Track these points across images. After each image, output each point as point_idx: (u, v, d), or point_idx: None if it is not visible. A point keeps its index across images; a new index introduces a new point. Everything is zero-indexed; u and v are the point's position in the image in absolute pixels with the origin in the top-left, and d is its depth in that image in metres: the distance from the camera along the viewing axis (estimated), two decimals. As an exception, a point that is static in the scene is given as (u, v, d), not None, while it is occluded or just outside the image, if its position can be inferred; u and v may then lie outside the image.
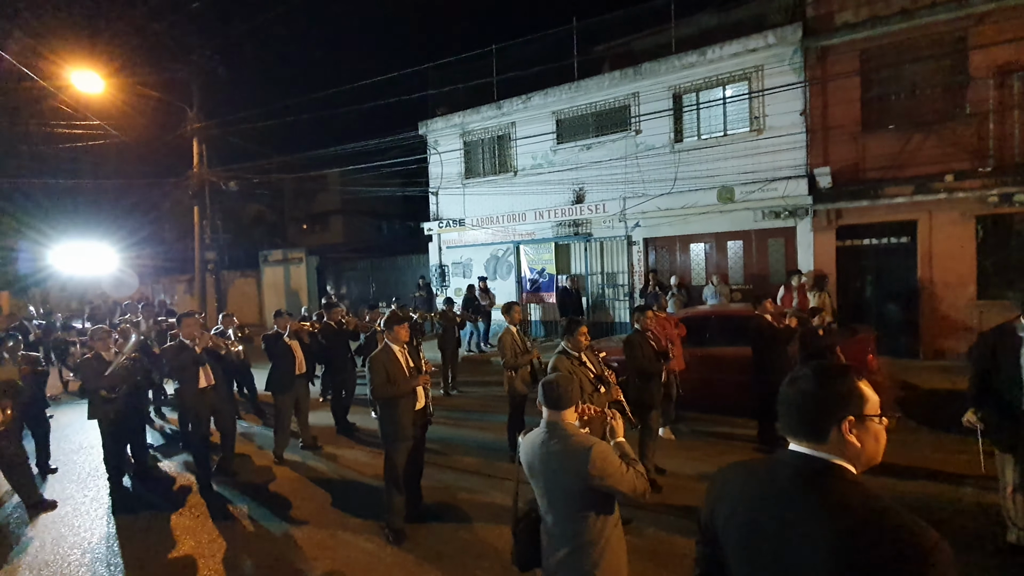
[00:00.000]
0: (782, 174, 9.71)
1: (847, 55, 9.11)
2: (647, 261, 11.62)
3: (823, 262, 9.49)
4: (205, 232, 14.41)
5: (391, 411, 3.99)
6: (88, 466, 6.17)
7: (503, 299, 12.79)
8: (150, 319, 8.14)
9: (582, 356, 4.13)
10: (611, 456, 2.06)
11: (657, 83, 10.99)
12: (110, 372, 5.17)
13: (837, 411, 1.20)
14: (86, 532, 4.57)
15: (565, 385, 2.25)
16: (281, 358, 6.02)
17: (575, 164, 12.08)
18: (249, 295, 19.03)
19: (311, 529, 4.35)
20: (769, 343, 5.57)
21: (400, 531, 4.04)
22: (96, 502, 5.17)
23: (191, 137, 13.77)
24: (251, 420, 7.85)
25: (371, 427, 6.88)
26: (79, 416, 7.07)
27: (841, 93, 9.16)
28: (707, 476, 4.73)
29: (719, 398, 6.58)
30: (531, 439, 2.27)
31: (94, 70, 11.13)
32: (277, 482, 5.42)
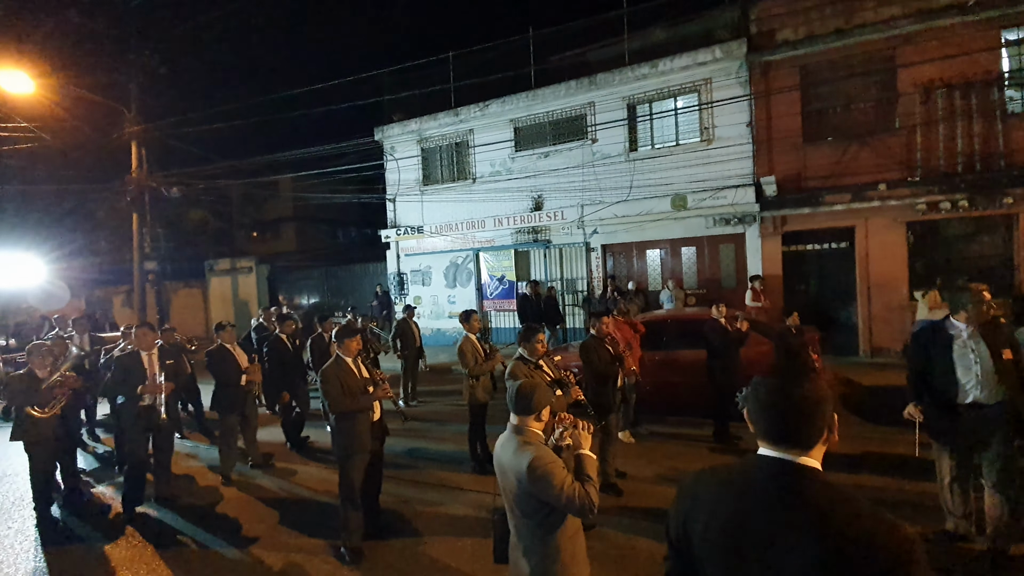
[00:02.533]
0: (731, 183, 10.09)
1: (788, 70, 9.60)
2: (605, 267, 11.81)
3: (770, 266, 9.90)
4: (145, 241, 13.62)
5: (347, 424, 3.85)
6: (12, 495, 5.66)
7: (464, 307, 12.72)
8: (84, 334, 7.58)
9: (539, 362, 4.13)
10: (552, 468, 2.05)
11: (612, 93, 11.24)
12: (43, 389, 4.77)
13: (826, 415, 1.25)
14: (10, 568, 4.18)
15: (531, 392, 2.25)
16: (226, 375, 5.71)
17: (533, 172, 12.17)
18: (194, 307, 18.14)
19: (262, 552, 4.12)
20: (722, 345, 5.76)
21: (357, 550, 3.89)
22: (21, 534, 4.74)
23: (129, 140, 13.02)
24: (196, 439, 7.42)
25: (326, 441, 6.64)
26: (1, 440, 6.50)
27: (784, 106, 9.63)
28: (667, 478, 4.87)
29: (676, 400, 6.72)
30: (500, 439, 2.33)
31: (22, 69, 10.38)
32: (225, 503, 5.14)
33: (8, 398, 5.92)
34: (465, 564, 3.74)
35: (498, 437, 2.35)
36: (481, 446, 5.47)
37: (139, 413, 4.88)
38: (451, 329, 13.51)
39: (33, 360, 4.94)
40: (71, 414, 5.27)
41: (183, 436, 7.36)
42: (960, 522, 3.57)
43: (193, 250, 21.04)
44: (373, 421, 4.00)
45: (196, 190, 14.93)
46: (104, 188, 14.83)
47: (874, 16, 9.01)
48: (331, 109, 12.79)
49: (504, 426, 2.35)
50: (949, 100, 8.70)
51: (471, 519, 4.41)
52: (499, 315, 13.07)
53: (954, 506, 3.57)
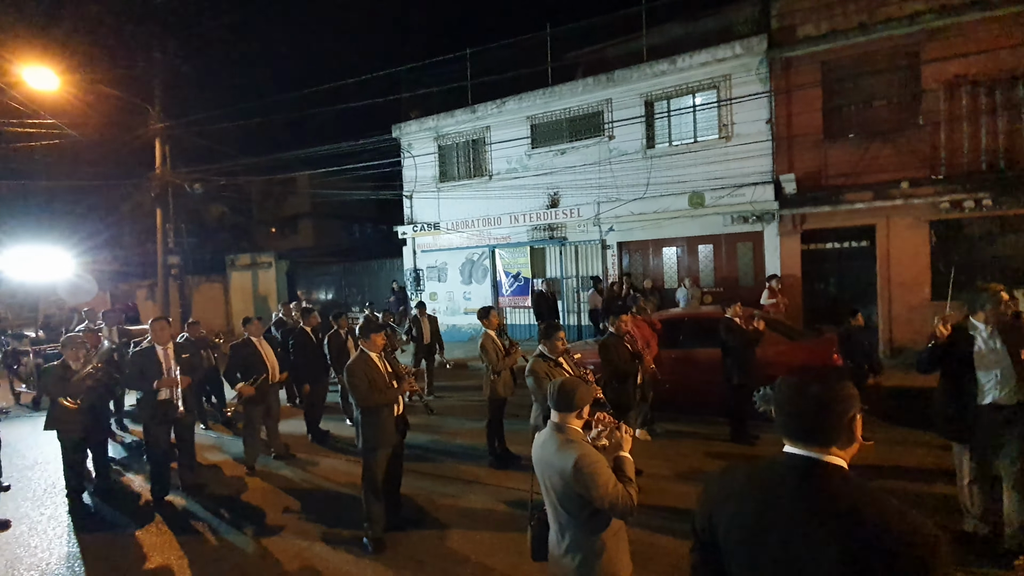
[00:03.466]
0: (750, 180, 10.00)
1: (809, 66, 9.47)
2: (621, 265, 11.79)
3: (789, 265, 9.81)
4: (168, 235, 13.91)
5: (373, 418, 3.93)
6: (44, 482, 5.86)
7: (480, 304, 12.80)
8: (113, 327, 7.79)
9: (559, 359, 4.17)
10: (598, 468, 2.06)
11: (630, 90, 11.19)
12: (76, 380, 4.94)
13: (847, 413, 1.26)
14: (44, 552, 4.33)
15: (574, 389, 2.26)
16: (253, 365, 5.84)
17: (550, 169, 12.18)
18: (215, 301, 18.47)
19: (286, 541, 4.24)
20: (738, 345, 5.74)
21: (380, 540, 3.98)
22: (54, 520, 4.91)
23: (153, 137, 13.30)
24: (220, 430, 7.61)
25: (345, 435, 6.77)
26: (32, 430, 6.75)
27: (804, 103, 9.51)
28: (685, 477, 4.89)
29: (692, 398, 6.72)
30: (539, 437, 2.34)
31: (49, 66, 10.64)
32: (249, 493, 5.27)
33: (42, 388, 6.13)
34: (485, 556, 3.81)
35: (512, 431, 2.39)
36: (499, 441, 5.53)
37: (157, 406, 4.99)
38: (466, 325, 13.61)
39: (67, 352, 5.11)
40: (101, 405, 5.44)
41: (207, 428, 7.56)
42: (979, 523, 3.55)
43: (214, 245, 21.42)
44: (396, 415, 4.07)
45: (217, 186, 15.20)
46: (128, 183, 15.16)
47: (898, 11, 8.84)
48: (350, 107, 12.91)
49: (520, 420, 2.39)
50: (974, 97, 8.53)
51: (490, 512, 4.48)
52: (514, 311, 13.12)
53: (973, 507, 3.56)
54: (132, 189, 15.43)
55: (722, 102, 10.32)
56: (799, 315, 9.43)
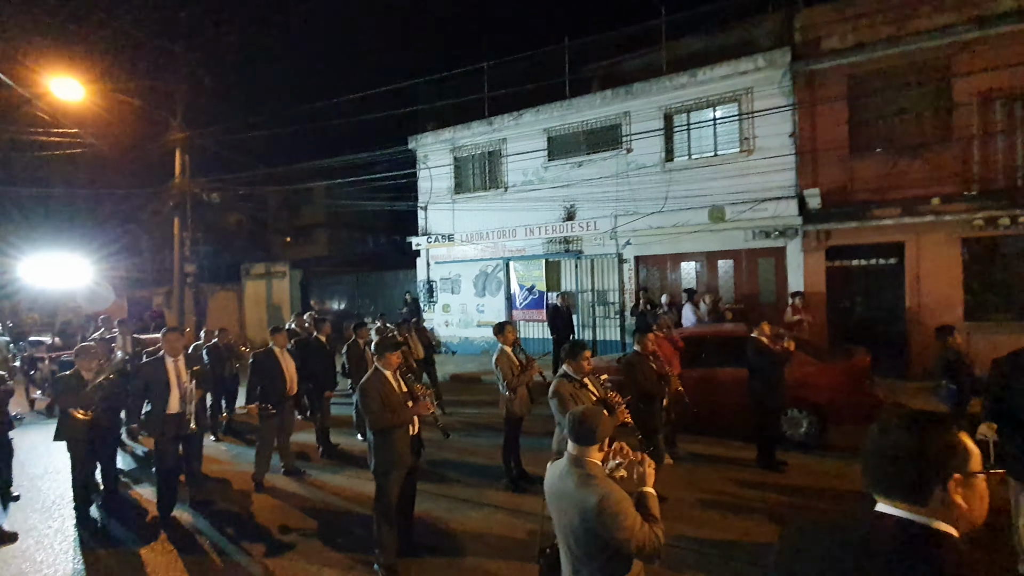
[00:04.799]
0: (772, 194, 9.78)
1: (835, 79, 9.28)
2: (638, 279, 11.58)
3: (813, 282, 9.53)
4: (185, 244, 13.99)
5: (386, 439, 3.75)
6: (53, 493, 5.78)
7: (493, 316, 12.66)
8: (127, 336, 7.76)
9: (585, 380, 3.97)
10: (623, 509, 1.89)
11: (648, 103, 11.08)
12: (88, 391, 4.86)
13: (943, 468, 1.06)
14: (48, 569, 4.21)
15: (594, 420, 2.09)
16: (273, 377, 5.74)
17: (566, 181, 12.07)
18: (229, 309, 18.52)
19: (294, 564, 4.07)
20: (768, 365, 5.49)
21: (392, 568, 3.79)
22: (60, 534, 4.80)
23: (173, 147, 13.44)
24: (229, 441, 7.50)
25: (356, 449, 6.62)
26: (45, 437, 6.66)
27: (829, 116, 9.31)
28: (710, 504, 4.64)
29: (715, 420, 6.47)
30: (553, 469, 2.16)
31: (74, 77, 10.82)
32: (257, 510, 5.13)
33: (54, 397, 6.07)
34: (502, 588, 3.61)
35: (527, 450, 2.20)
36: (515, 462, 5.33)
37: (166, 421, 4.87)
38: (479, 338, 13.45)
39: (80, 362, 5.04)
40: (111, 416, 5.35)
41: (217, 439, 7.46)
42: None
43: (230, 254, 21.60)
44: (411, 435, 3.90)
45: (234, 195, 15.31)
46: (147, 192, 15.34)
47: (928, 23, 8.64)
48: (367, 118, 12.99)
49: (536, 439, 2.22)
50: (1009, 110, 8.27)
51: (507, 539, 4.28)
52: (528, 325, 12.93)
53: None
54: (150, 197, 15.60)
55: (744, 115, 10.15)
56: (823, 334, 9.13)
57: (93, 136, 12.71)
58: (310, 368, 6.62)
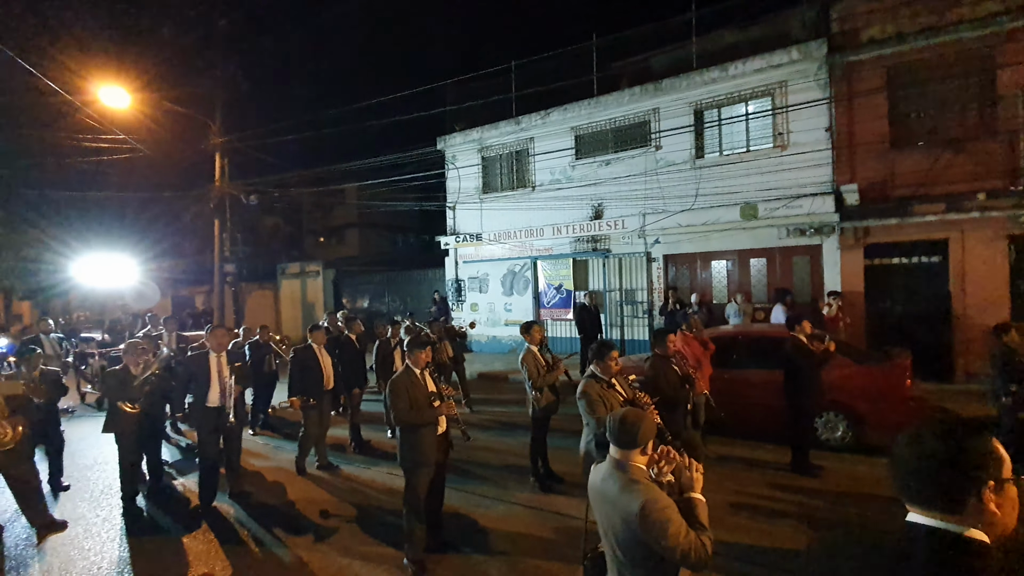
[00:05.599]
0: (807, 191, 9.51)
1: (874, 71, 8.95)
2: (667, 278, 11.44)
3: (851, 281, 9.23)
4: (225, 245, 14.52)
5: (413, 436, 3.84)
6: (101, 483, 6.09)
7: (521, 315, 12.70)
8: (172, 333, 8.12)
9: (612, 381, 3.96)
10: (668, 515, 1.85)
11: (678, 99, 10.91)
12: (135, 385, 5.12)
13: (978, 477, 1.05)
14: (96, 556, 4.43)
15: (637, 423, 2.03)
16: (312, 372, 6.02)
17: (594, 180, 12.00)
18: (266, 307, 19.13)
19: (326, 556, 4.20)
20: (805, 367, 5.33)
21: (420, 563, 3.87)
22: (108, 522, 5.06)
23: (213, 151, 13.95)
24: (267, 435, 7.76)
25: (387, 445, 6.76)
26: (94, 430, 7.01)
27: (868, 109, 8.98)
28: (741, 507, 4.56)
29: (746, 422, 6.34)
30: (597, 472, 2.12)
31: (121, 85, 11.34)
32: (293, 503, 5.29)
33: (103, 391, 6.39)
34: (528, 586, 3.64)
35: (555, 449, 2.21)
36: (543, 461, 5.35)
37: (206, 414, 5.11)
38: (507, 337, 13.52)
39: (128, 358, 5.30)
40: (157, 410, 5.62)
41: (254, 433, 7.72)
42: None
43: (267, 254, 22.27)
44: (438, 434, 3.97)
45: (271, 197, 15.78)
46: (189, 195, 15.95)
47: (970, 13, 8.25)
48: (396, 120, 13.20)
49: (563, 438, 2.22)
50: (1061, 101, 7.82)
51: (534, 538, 4.31)
52: (556, 324, 12.93)
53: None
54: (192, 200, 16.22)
55: (777, 110, 9.89)
56: (860, 335, 8.84)
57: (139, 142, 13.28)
58: (341, 365, 6.82)
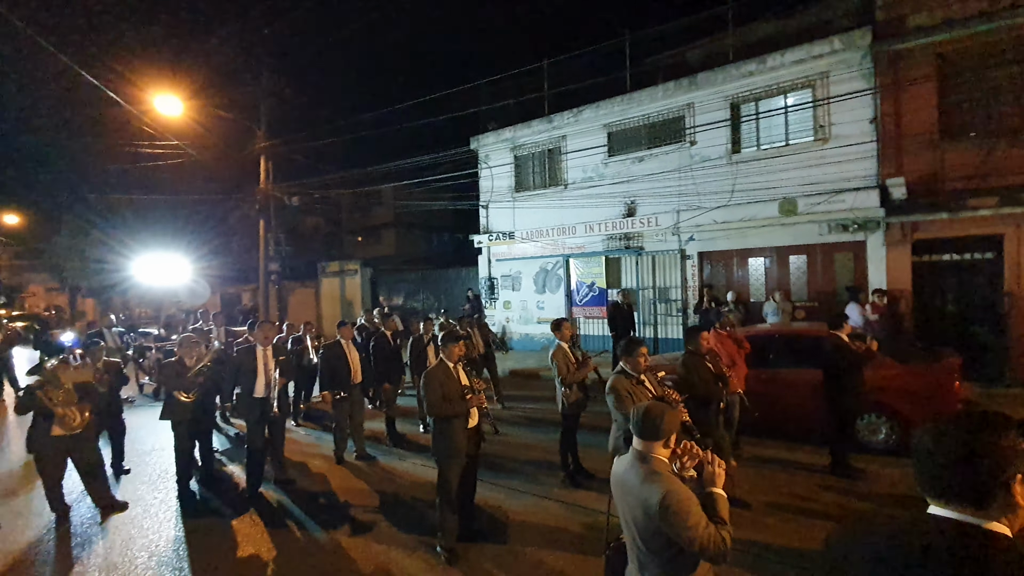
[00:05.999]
0: (850, 185, 9.19)
1: (922, 59, 8.56)
2: (702, 276, 11.26)
3: (897, 279, 8.87)
4: (269, 244, 15.15)
5: (445, 427, 3.98)
6: (159, 468, 6.51)
7: (553, 313, 12.74)
8: (221, 327, 8.58)
9: (641, 377, 3.99)
10: (688, 506, 1.88)
11: (714, 93, 10.71)
12: (190, 376, 5.48)
13: (1006, 471, 1.05)
14: (154, 535, 4.75)
15: (661, 415, 2.08)
16: (340, 367, 6.28)
17: (627, 177, 11.92)
18: (308, 304, 19.82)
19: (364, 543, 4.39)
20: (846, 367, 5.18)
21: (453, 551, 4.01)
22: (164, 504, 5.41)
23: (258, 155, 14.57)
24: (309, 426, 8.11)
25: (421, 438, 6.96)
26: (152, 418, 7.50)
27: (916, 99, 8.60)
28: (778, 507, 4.51)
29: (783, 423, 6.22)
30: (619, 463, 2.18)
31: (174, 94, 11.99)
32: (333, 492, 5.53)
33: (160, 382, 6.81)
34: (556, 576, 3.72)
35: (585, 446, 2.27)
36: (573, 457, 5.41)
37: (252, 404, 5.42)
38: (539, 334, 13.60)
39: (182, 350, 5.67)
40: (209, 399, 5.97)
41: (297, 424, 8.08)
42: None
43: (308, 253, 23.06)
44: (470, 427, 4.09)
45: (312, 198, 16.36)
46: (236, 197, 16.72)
47: (1028, -5, 7.78)
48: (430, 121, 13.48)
49: (594, 435, 2.27)
50: None
51: (563, 531, 4.38)
52: (588, 322, 12.92)
53: None
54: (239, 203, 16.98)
55: (818, 102, 9.58)
56: (908, 335, 8.48)
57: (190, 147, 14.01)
58: (375, 360, 7.09)
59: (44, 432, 4.78)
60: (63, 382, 4.87)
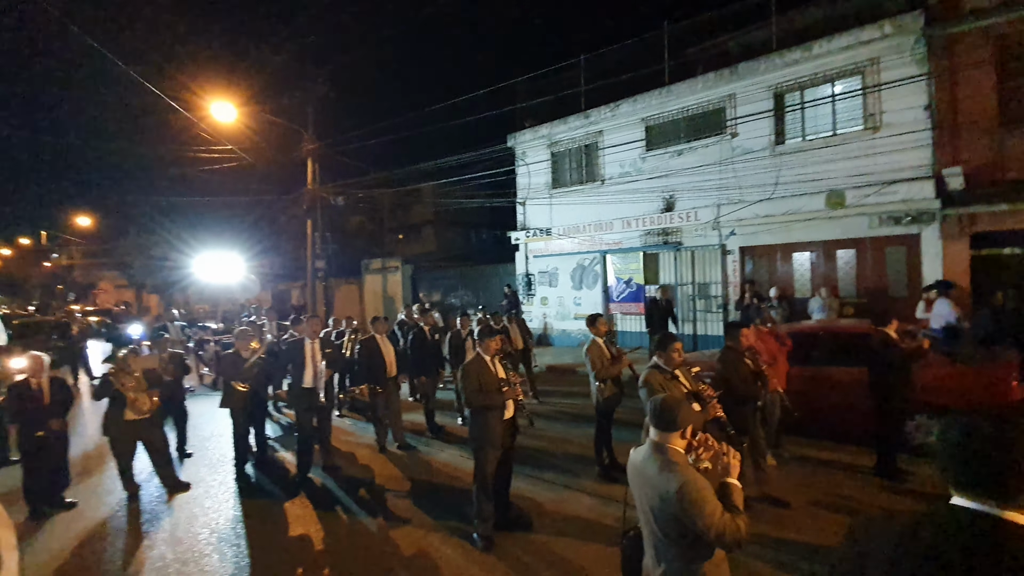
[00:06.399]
0: (903, 176, 8.80)
1: (979, 43, 8.08)
2: (743, 271, 11.01)
3: (954, 273, 8.43)
4: (316, 243, 15.79)
5: (481, 419, 4.14)
6: (218, 452, 6.98)
7: (590, 309, 12.74)
8: (273, 321, 9.08)
9: (676, 372, 4.01)
10: (704, 496, 1.93)
11: (756, 83, 10.44)
12: (246, 367, 5.88)
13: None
14: (214, 514, 5.13)
15: (676, 407, 2.14)
16: (375, 360, 6.58)
17: (665, 171, 11.77)
18: (352, 300, 20.53)
19: (405, 527, 4.60)
20: (894, 365, 4.99)
21: (489, 538, 4.16)
22: (223, 486, 5.82)
23: (306, 157, 15.19)
24: (353, 416, 8.48)
25: (460, 430, 7.17)
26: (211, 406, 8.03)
27: (973, 85, 8.14)
28: (820, 507, 4.47)
29: (826, 423, 6.06)
30: (636, 454, 2.24)
31: (228, 101, 12.68)
32: (377, 479, 5.81)
33: (219, 372, 7.29)
34: (593, 570, 3.80)
35: (620, 442, 2.33)
36: (607, 451, 5.48)
37: (302, 394, 5.75)
38: (576, 330, 13.62)
39: (238, 343, 6.08)
40: (262, 388, 6.37)
41: (340, 415, 8.46)
42: None
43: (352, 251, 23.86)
44: (506, 419, 4.22)
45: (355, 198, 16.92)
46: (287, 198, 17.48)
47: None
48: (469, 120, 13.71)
49: (629, 430, 2.34)
50: None
51: (597, 524, 4.47)
52: (625, 318, 12.85)
53: None
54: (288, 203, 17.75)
55: (868, 89, 9.19)
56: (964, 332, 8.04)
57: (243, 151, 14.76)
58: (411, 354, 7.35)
59: (117, 416, 5.25)
60: (133, 369, 5.32)
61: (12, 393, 4.95)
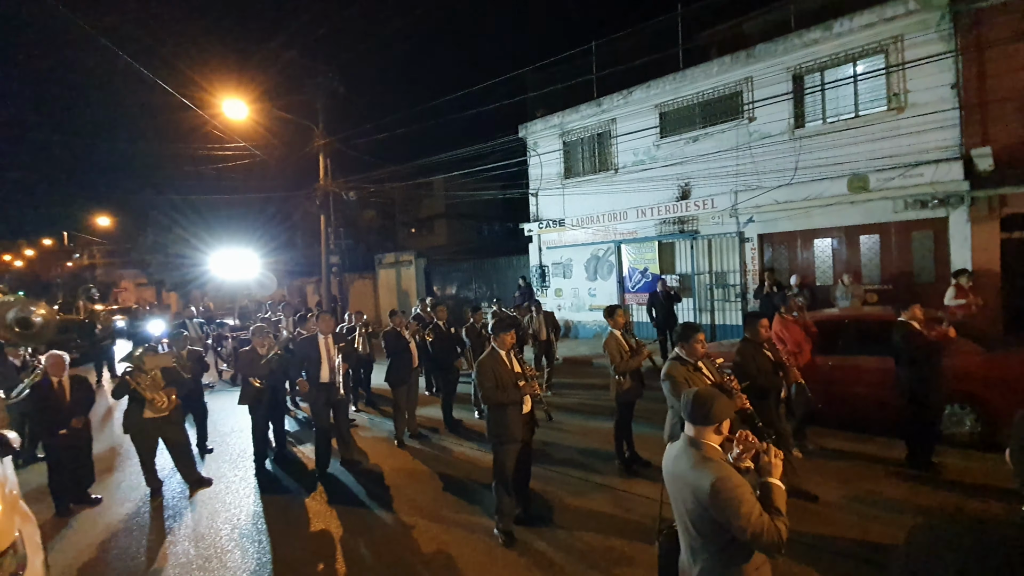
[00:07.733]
0: (929, 157, 8.50)
1: (1009, 17, 7.74)
2: (762, 259, 10.78)
3: (984, 258, 8.16)
4: (330, 238, 15.84)
5: (499, 414, 4.07)
6: (238, 448, 7.03)
7: (605, 300, 12.62)
8: (289, 317, 9.11)
9: (699, 363, 3.91)
10: (740, 493, 1.84)
11: (774, 65, 10.15)
12: (263, 364, 5.89)
13: None
14: (236, 509, 5.17)
15: (712, 400, 2.05)
16: (400, 354, 6.58)
17: (680, 158, 11.54)
18: (366, 294, 20.61)
19: (425, 523, 4.58)
20: (920, 354, 4.83)
21: (510, 533, 4.12)
22: (244, 481, 5.86)
23: (317, 153, 15.20)
24: (369, 411, 8.49)
25: (478, 425, 7.14)
26: (231, 402, 8.10)
27: (1003, 62, 7.81)
28: (850, 500, 4.35)
29: (853, 413, 5.91)
30: (671, 449, 2.17)
31: (240, 98, 12.70)
32: (395, 473, 5.80)
33: (237, 368, 7.33)
34: (614, 565, 3.74)
35: (640, 435, 2.26)
36: (628, 445, 5.39)
37: (319, 389, 5.74)
38: (591, 322, 13.51)
39: (255, 340, 6.09)
40: (279, 385, 6.39)
41: (357, 409, 8.48)
42: None
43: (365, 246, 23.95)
44: (524, 413, 4.15)
45: (367, 192, 16.92)
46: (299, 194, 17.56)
47: None
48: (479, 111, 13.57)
49: (649, 424, 2.26)
50: None
51: (618, 519, 4.40)
52: (641, 309, 12.67)
53: None
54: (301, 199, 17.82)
55: (892, 68, 8.87)
56: (997, 319, 7.81)
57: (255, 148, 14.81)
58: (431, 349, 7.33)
59: (137, 415, 5.29)
60: (149, 368, 5.35)
61: (34, 393, 5.00)
